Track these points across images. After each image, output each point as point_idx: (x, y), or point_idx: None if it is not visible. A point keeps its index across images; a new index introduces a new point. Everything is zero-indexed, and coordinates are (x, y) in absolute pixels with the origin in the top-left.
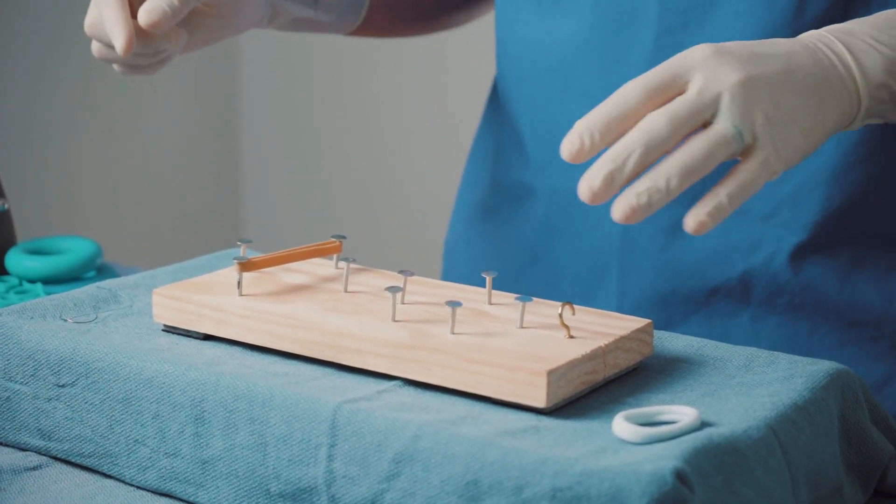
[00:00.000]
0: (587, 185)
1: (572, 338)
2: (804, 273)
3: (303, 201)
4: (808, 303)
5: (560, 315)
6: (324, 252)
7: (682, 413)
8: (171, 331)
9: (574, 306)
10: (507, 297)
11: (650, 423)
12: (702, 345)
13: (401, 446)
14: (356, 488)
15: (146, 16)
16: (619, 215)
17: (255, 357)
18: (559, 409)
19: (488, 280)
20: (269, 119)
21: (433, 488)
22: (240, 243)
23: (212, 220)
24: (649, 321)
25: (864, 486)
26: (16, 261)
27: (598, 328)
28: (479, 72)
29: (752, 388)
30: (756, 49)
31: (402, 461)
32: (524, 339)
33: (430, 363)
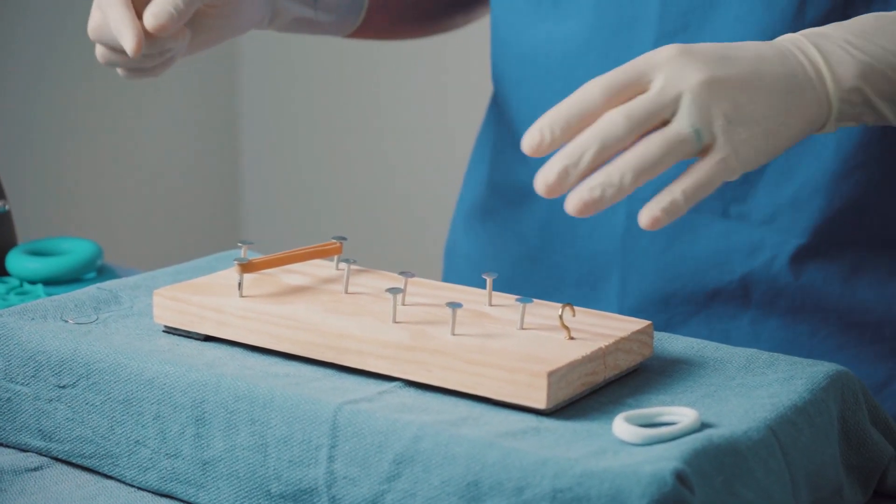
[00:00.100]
0: (542, 178)
1: (573, 339)
2: (804, 276)
3: (303, 203)
4: (808, 305)
5: (560, 316)
6: (324, 253)
7: (683, 414)
8: (171, 332)
9: (574, 308)
10: (507, 299)
11: (650, 424)
12: (702, 346)
13: (401, 447)
14: (357, 489)
15: (153, 19)
16: (571, 208)
17: (256, 358)
18: (559, 411)
19: (489, 281)
20: (270, 120)
21: (434, 489)
22: (240, 244)
23: (212, 221)
24: (649, 323)
25: (864, 488)
26: (16, 262)
27: (599, 329)
28: (481, 73)
29: (752, 390)
30: (723, 51)
31: (403, 462)
32: (524, 341)
33: (431, 364)
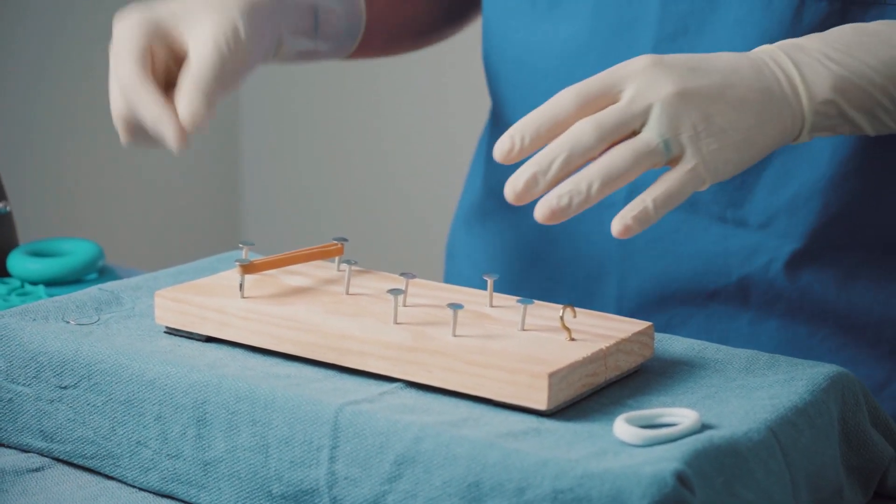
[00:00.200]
0: (511, 185)
1: (573, 340)
2: (801, 280)
3: (304, 204)
4: (806, 307)
5: (561, 317)
6: (325, 255)
7: (683, 415)
8: (173, 333)
9: (575, 309)
10: (508, 300)
11: (651, 425)
12: (702, 347)
13: (402, 448)
14: (358, 490)
15: (191, 120)
16: (539, 215)
17: (257, 359)
18: (560, 412)
19: (489, 283)
20: (271, 121)
21: (435, 490)
22: (242, 246)
23: (214, 222)
24: (650, 324)
25: (865, 489)
26: (18, 263)
27: (600, 331)
28: (483, 74)
29: (752, 391)
30: (696, 62)
31: (404, 463)
32: (525, 342)
33: (432, 365)
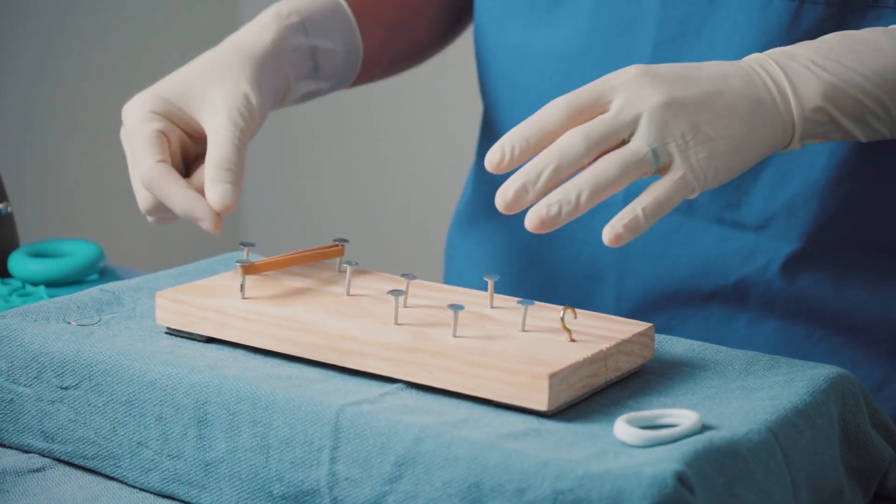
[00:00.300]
0: (501, 194)
1: (574, 341)
2: (798, 281)
3: (305, 205)
4: (804, 309)
5: (562, 318)
6: (326, 255)
7: (683, 416)
8: (174, 333)
9: (576, 310)
10: (508, 301)
11: (651, 426)
12: (703, 348)
13: (403, 449)
14: (358, 491)
15: (221, 204)
16: (529, 224)
17: (258, 360)
18: (561, 412)
19: (490, 284)
20: (271, 122)
21: (435, 491)
22: (242, 246)
23: None
24: (650, 325)
25: (865, 490)
26: (18, 264)
27: (600, 332)
28: None
29: (752, 392)
30: (684, 71)
31: (405, 464)
32: (526, 343)
33: (432, 366)
